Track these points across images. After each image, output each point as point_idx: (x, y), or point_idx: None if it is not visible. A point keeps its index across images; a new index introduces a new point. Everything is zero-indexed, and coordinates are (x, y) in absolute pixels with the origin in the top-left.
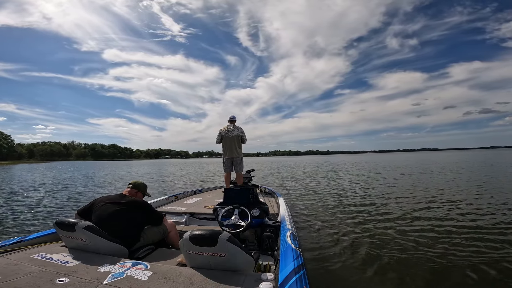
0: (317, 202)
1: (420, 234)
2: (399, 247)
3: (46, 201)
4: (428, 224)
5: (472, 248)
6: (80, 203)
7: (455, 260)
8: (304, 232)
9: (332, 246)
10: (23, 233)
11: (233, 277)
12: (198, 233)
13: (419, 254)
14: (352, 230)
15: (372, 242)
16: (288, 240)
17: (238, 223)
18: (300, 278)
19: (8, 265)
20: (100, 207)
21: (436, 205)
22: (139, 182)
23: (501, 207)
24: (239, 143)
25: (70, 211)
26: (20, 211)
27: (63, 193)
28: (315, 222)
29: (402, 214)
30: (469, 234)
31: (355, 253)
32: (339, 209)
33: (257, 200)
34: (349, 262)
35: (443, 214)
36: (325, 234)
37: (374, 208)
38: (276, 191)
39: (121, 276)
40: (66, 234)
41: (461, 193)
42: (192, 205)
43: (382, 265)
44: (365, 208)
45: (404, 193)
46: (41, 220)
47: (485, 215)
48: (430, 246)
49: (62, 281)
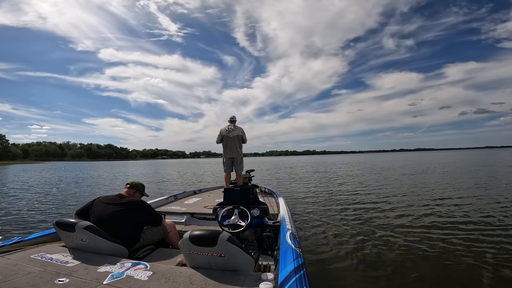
0: (317, 202)
1: (420, 234)
2: (400, 247)
3: (38, 204)
4: (428, 223)
5: (474, 248)
6: (73, 204)
7: (458, 261)
8: (304, 232)
9: (332, 246)
10: (23, 233)
11: (233, 277)
12: (198, 233)
13: (420, 254)
14: (352, 230)
15: (373, 242)
16: (288, 240)
17: (238, 223)
18: (300, 278)
19: (8, 265)
20: (99, 207)
21: (435, 205)
22: (136, 182)
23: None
24: (239, 143)
25: (66, 211)
26: (16, 211)
27: (56, 195)
28: (315, 222)
29: (402, 214)
30: (468, 234)
31: (355, 253)
32: (339, 209)
33: (257, 200)
34: (349, 262)
35: (443, 214)
36: (325, 234)
37: (374, 208)
38: (276, 191)
39: (121, 276)
40: (66, 234)
41: (460, 194)
42: (192, 205)
43: (382, 265)
44: (365, 208)
45: (403, 193)
46: (35, 222)
47: (489, 216)
48: (431, 246)
49: (62, 281)
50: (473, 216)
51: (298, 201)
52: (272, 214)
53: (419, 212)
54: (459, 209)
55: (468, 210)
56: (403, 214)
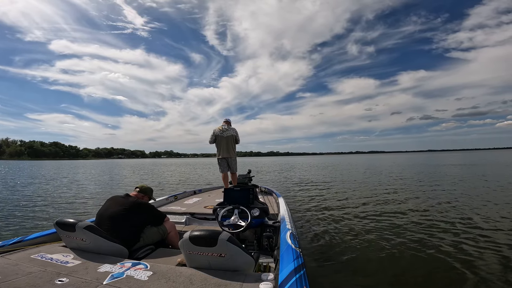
0: (317, 202)
1: (420, 234)
2: (400, 247)
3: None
4: (427, 224)
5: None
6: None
7: (459, 262)
8: (304, 232)
9: (332, 245)
10: (23, 233)
11: (233, 277)
12: (198, 233)
13: (419, 253)
14: (352, 230)
15: (373, 242)
16: (288, 240)
17: (238, 223)
18: (300, 278)
19: (8, 265)
20: (104, 206)
21: (435, 204)
22: (146, 186)
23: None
24: (233, 143)
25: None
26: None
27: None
28: (315, 222)
29: (402, 214)
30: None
31: (355, 253)
32: (340, 209)
33: (257, 200)
34: (349, 261)
35: (443, 214)
36: (325, 234)
37: (374, 208)
38: (276, 191)
39: (121, 276)
40: (66, 234)
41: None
42: (192, 205)
43: (382, 264)
44: (365, 208)
45: (402, 194)
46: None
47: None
48: (431, 247)
49: (62, 281)
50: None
51: (297, 199)
52: (272, 214)
53: (420, 212)
54: (469, 213)
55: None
56: (404, 214)
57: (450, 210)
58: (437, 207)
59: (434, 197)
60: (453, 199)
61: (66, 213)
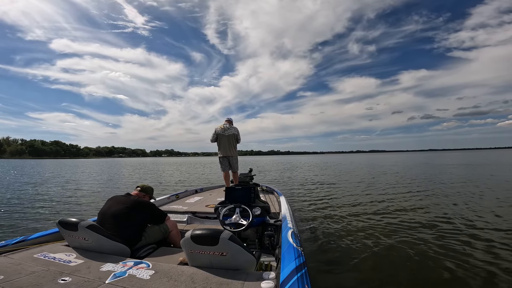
0: (318, 201)
1: (421, 234)
2: (401, 247)
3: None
4: (430, 224)
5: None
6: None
7: (460, 262)
8: (305, 231)
9: (333, 245)
10: (26, 232)
11: (235, 276)
12: (199, 232)
13: (423, 253)
14: (353, 229)
15: (374, 241)
16: (290, 239)
17: (239, 222)
18: (302, 277)
19: (11, 264)
20: (106, 205)
21: (435, 204)
22: (147, 185)
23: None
24: (234, 142)
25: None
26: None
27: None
28: (316, 221)
29: (406, 213)
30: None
31: (357, 252)
32: (339, 209)
33: (259, 199)
34: (351, 261)
35: (442, 215)
36: (327, 233)
37: (374, 207)
38: (277, 190)
39: (123, 275)
40: (68, 234)
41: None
42: (193, 204)
43: (383, 264)
44: (366, 207)
45: (402, 193)
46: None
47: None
48: (434, 246)
49: (65, 281)
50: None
51: (298, 198)
52: (274, 213)
53: (423, 212)
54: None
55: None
56: (404, 214)
57: (453, 209)
58: (440, 207)
59: (436, 197)
60: (457, 199)
61: (68, 212)
